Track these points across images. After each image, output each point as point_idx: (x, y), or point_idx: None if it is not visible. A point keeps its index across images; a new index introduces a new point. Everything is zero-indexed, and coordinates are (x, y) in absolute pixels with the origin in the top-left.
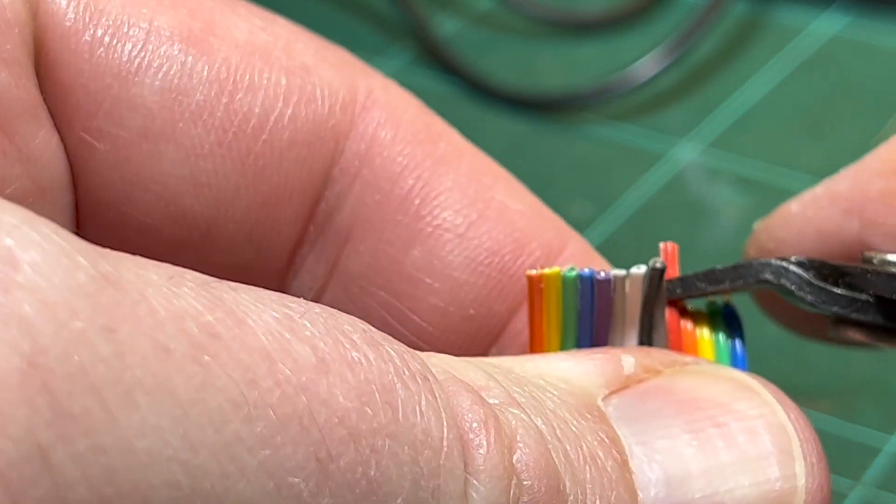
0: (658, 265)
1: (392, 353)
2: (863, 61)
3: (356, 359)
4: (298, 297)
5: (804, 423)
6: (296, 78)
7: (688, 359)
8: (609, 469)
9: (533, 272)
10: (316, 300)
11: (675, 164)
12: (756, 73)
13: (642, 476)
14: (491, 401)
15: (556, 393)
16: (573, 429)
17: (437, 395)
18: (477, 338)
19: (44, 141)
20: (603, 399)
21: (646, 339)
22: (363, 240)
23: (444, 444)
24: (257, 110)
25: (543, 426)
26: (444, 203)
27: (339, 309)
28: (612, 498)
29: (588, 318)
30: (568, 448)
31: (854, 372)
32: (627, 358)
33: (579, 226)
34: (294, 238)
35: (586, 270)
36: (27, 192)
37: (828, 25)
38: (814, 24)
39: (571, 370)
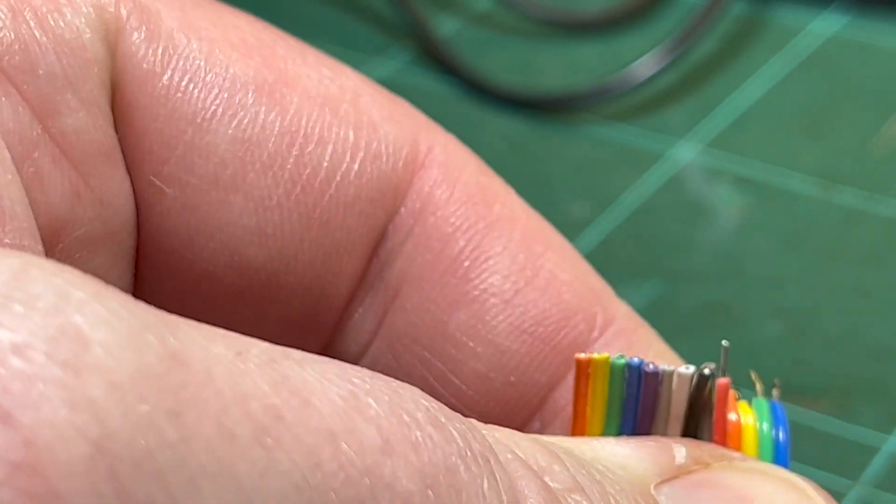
0: (706, 371)
1: (455, 433)
2: (862, 61)
3: (420, 439)
4: (346, 352)
5: None
6: (363, 133)
7: (736, 455)
8: None
9: (582, 356)
10: (361, 355)
11: (675, 164)
12: (755, 73)
13: None
14: (553, 485)
15: (614, 479)
16: None
17: (499, 478)
18: (516, 407)
19: (118, 184)
20: (655, 487)
21: (691, 432)
22: (410, 298)
23: None
24: (325, 164)
25: None
26: (493, 267)
27: (382, 366)
28: None
29: (633, 406)
30: None
31: (853, 372)
32: (679, 448)
33: (579, 226)
34: (349, 293)
35: (635, 360)
36: (97, 235)
37: (827, 25)
38: (813, 24)
39: (628, 456)
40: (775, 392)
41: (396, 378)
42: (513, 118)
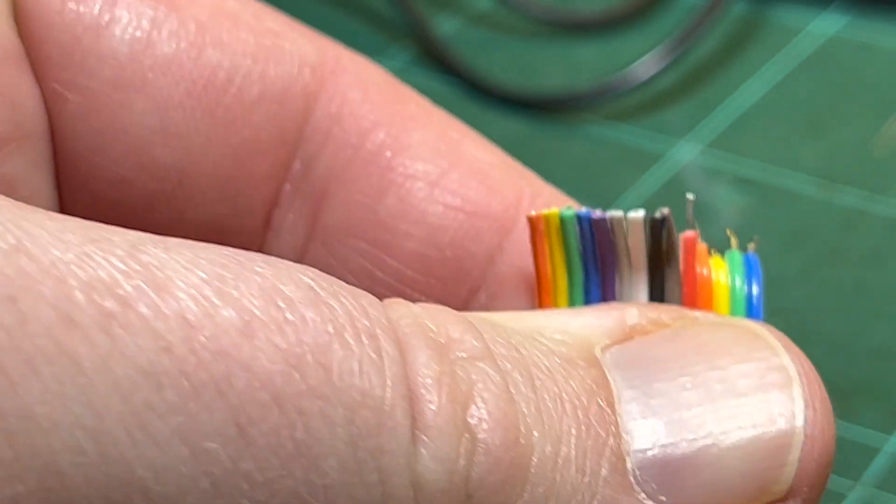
0: (657, 215)
1: (338, 309)
2: (862, 61)
3: (289, 320)
4: (281, 257)
5: (808, 368)
6: (264, 39)
7: (697, 313)
8: (591, 415)
9: (532, 213)
10: (299, 258)
11: (675, 164)
12: (755, 74)
13: (629, 419)
14: (457, 354)
15: (548, 344)
16: (558, 377)
17: (384, 352)
18: (458, 281)
19: (27, 90)
20: (602, 349)
21: (658, 288)
22: (338, 194)
23: (387, 402)
24: (226, 65)
25: (519, 377)
26: (416, 155)
27: (321, 264)
28: (590, 444)
29: (592, 262)
30: (546, 397)
31: (854, 372)
32: (631, 310)
33: None
34: (269, 197)
35: (583, 210)
36: (10, 137)
37: (827, 25)
38: (813, 24)
39: (569, 323)
40: (751, 246)
41: (336, 274)
42: (513, 118)
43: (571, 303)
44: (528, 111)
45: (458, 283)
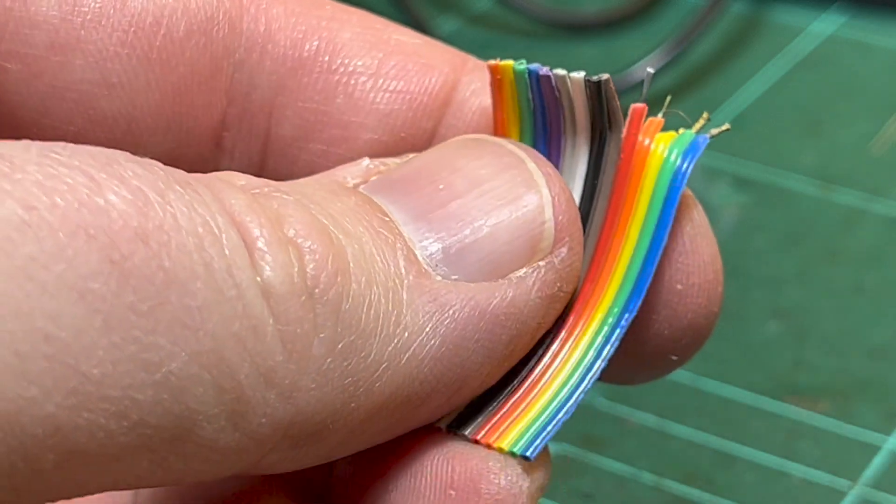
0: (596, 78)
1: (156, 166)
2: (861, 61)
3: (126, 174)
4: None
5: (530, 148)
6: None
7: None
8: (374, 223)
9: (492, 62)
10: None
11: None
12: (755, 74)
13: (402, 224)
14: (253, 191)
15: (310, 185)
16: (336, 200)
17: (203, 193)
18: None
19: None
20: (353, 186)
21: (597, 151)
22: (286, 106)
23: (221, 229)
24: (151, 8)
25: (307, 202)
26: (351, 52)
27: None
28: (382, 244)
29: (541, 116)
30: (333, 213)
31: (853, 372)
32: (363, 160)
33: None
34: (215, 123)
35: (534, 65)
36: None
37: (826, 25)
38: (812, 25)
39: (318, 179)
40: (700, 124)
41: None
42: None
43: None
44: None
45: None
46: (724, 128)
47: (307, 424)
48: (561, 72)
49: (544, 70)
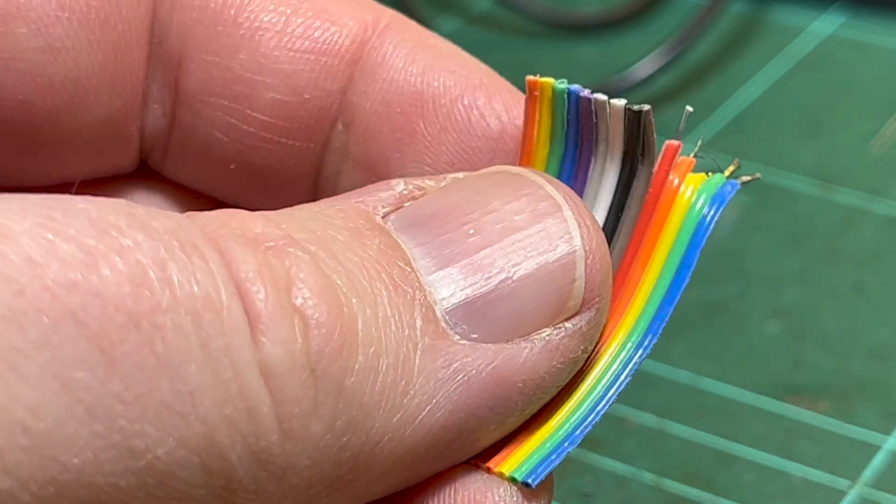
0: (637, 107)
1: (160, 228)
2: (861, 61)
3: (125, 245)
4: (153, 127)
5: (572, 194)
6: None
7: (460, 173)
8: (395, 276)
9: (531, 77)
10: (169, 126)
11: None
12: (755, 74)
13: (427, 273)
14: (266, 245)
15: (335, 222)
16: (356, 247)
17: (209, 258)
18: (318, 119)
19: None
20: (382, 217)
21: (625, 181)
22: (193, 59)
23: (223, 302)
24: None
25: (324, 255)
26: (258, 7)
27: (188, 127)
28: (400, 301)
29: (573, 137)
30: (351, 268)
31: (853, 372)
32: (397, 181)
33: None
34: (143, 77)
35: (574, 86)
36: None
37: (826, 25)
38: (812, 25)
39: (345, 203)
40: (731, 170)
41: (204, 134)
42: None
43: (547, 170)
44: None
45: (319, 122)
46: (755, 176)
47: (299, 499)
48: (602, 97)
49: (585, 92)
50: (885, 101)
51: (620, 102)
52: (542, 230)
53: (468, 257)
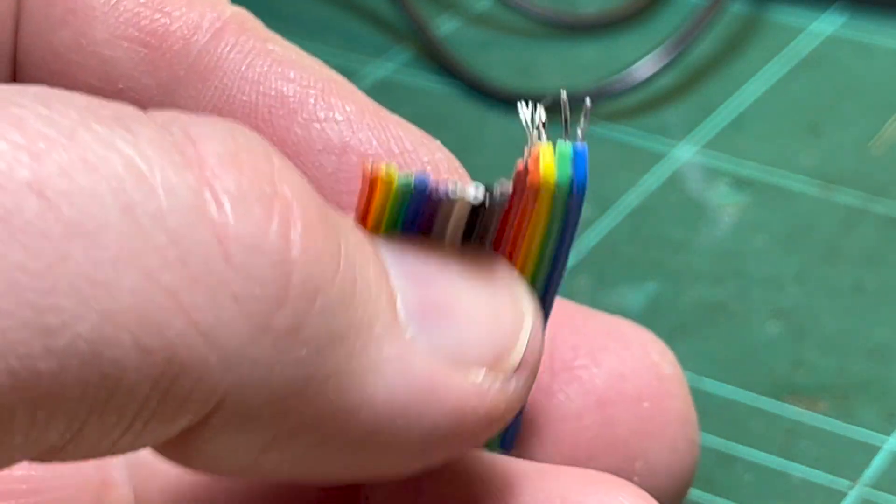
0: (486, 199)
1: (72, 107)
2: (861, 61)
3: (25, 115)
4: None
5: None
6: None
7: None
8: (371, 259)
9: (369, 168)
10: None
11: (674, 164)
12: (755, 74)
13: (391, 267)
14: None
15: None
16: (344, 218)
17: (140, 131)
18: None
19: None
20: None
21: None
22: (23, 28)
23: (156, 167)
24: None
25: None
26: None
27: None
28: (373, 275)
29: (412, 221)
30: (336, 216)
31: (853, 372)
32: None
33: (579, 226)
34: (11, 45)
35: (421, 177)
36: None
37: (826, 25)
38: (812, 25)
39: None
40: (581, 128)
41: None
42: (513, 118)
43: (385, 229)
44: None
45: None
46: (583, 125)
47: (242, 402)
48: (456, 194)
49: (435, 190)
50: (885, 101)
51: (468, 197)
52: (502, 291)
53: (432, 285)
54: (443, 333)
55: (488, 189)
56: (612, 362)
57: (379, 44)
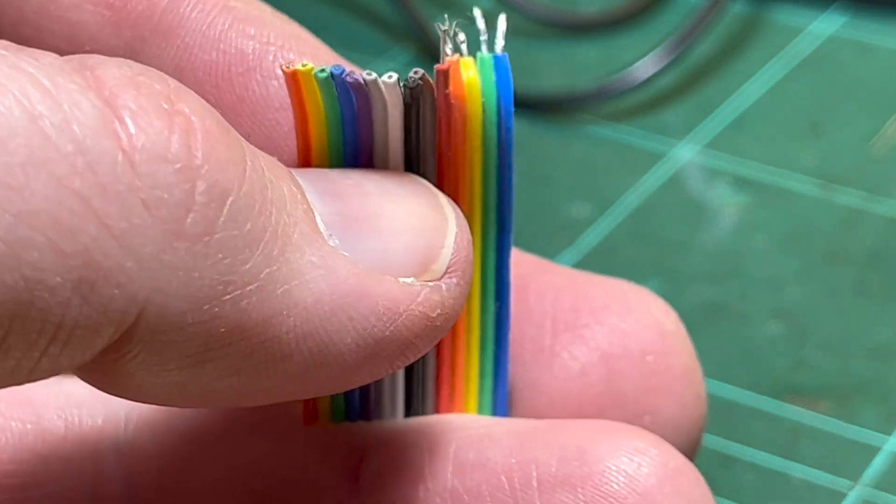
0: (413, 82)
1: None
2: (862, 61)
3: None
4: None
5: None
6: None
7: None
8: (286, 177)
9: (285, 68)
10: None
11: (675, 165)
12: (755, 74)
13: (310, 194)
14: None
15: None
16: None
17: (40, 57)
18: None
19: None
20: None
21: (414, 148)
22: None
23: (60, 87)
24: None
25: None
26: None
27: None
28: (286, 189)
29: (351, 121)
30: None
31: (853, 372)
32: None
33: (579, 226)
34: None
35: (337, 69)
36: None
37: (827, 25)
38: (812, 25)
39: None
40: (499, 43)
41: None
42: (513, 118)
43: (331, 164)
44: (528, 111)
45: None
46: (500, 39)
47: (165, 310)
48: (371, 77)
49: (351, 77)
50: (885, 101)
51: (392, 79)
52: (421, 200)
53: (349, 195)
54: (366, 245)
55: (401, 78)
56: (614, 320)
57: (379, 44)
